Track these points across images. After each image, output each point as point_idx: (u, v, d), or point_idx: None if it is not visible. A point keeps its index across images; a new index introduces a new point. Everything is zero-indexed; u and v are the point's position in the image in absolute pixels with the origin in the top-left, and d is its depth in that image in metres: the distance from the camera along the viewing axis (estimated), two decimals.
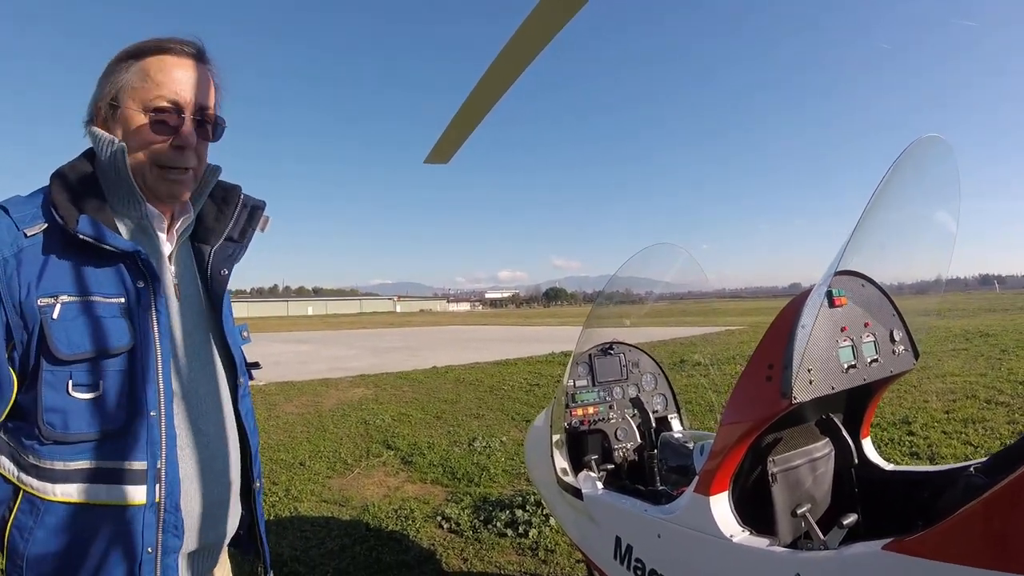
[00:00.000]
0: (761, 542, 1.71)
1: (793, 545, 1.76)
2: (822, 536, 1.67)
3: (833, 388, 1.74)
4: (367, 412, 9.33)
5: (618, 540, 2.25)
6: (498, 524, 4.41)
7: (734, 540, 1.74)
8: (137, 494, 1.23)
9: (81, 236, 1.20)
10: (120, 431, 1.23)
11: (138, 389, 1.24)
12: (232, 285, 1.53)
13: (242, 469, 1.54)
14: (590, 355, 3.12)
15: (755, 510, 1.88)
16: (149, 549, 1.24)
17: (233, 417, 1.51)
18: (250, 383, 1.61)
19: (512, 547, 4.14)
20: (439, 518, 4.70)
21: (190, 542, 1.36)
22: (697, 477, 1.89)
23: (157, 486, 1.25)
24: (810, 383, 1.67)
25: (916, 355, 2.03)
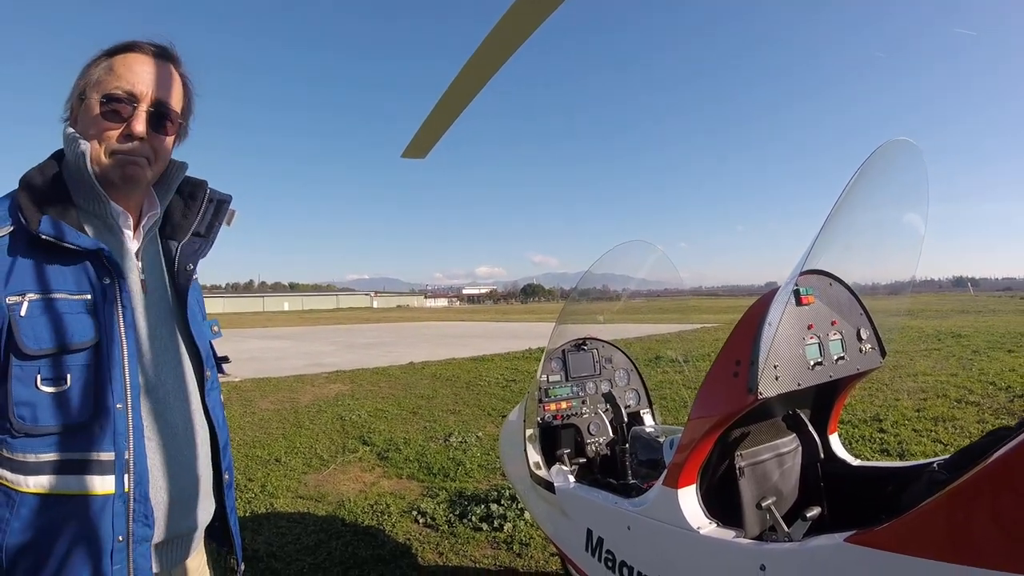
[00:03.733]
0: (728, 534, 1.75)
1: (759, 537, 1.80)
2: (786, 528, 1.71)
3: (799, 384, 1.77)
4: (343, 408, 9.29)
5: (589, 533, 2.27)
6: (473, 518, 4.44)
7: (701, 532, 1.77)
8: (106, 484, 1.26)
9: (43, 236, 1.24)
10: (86, 423, 1.26)
11: (104, 383, 1.27)
12: (207, 280, 1.54)
13: (212, 461, 1.56)
14: (563, 351, 3.14)
15: (723, 503, 1.92)
16: (120, 538, 1.26)
17: (201, 410, 1.53)
18: (225, 379, 1.62)
19: (487, 541, 4.17)
20: (415, 513, 4.71)
21: (160, 532, 1.38)
22: (666, 470, 1.92)
23: (126, 476, 1.27)
24: (776, 379, 1.70)
25: (883, 353, 2.08)
